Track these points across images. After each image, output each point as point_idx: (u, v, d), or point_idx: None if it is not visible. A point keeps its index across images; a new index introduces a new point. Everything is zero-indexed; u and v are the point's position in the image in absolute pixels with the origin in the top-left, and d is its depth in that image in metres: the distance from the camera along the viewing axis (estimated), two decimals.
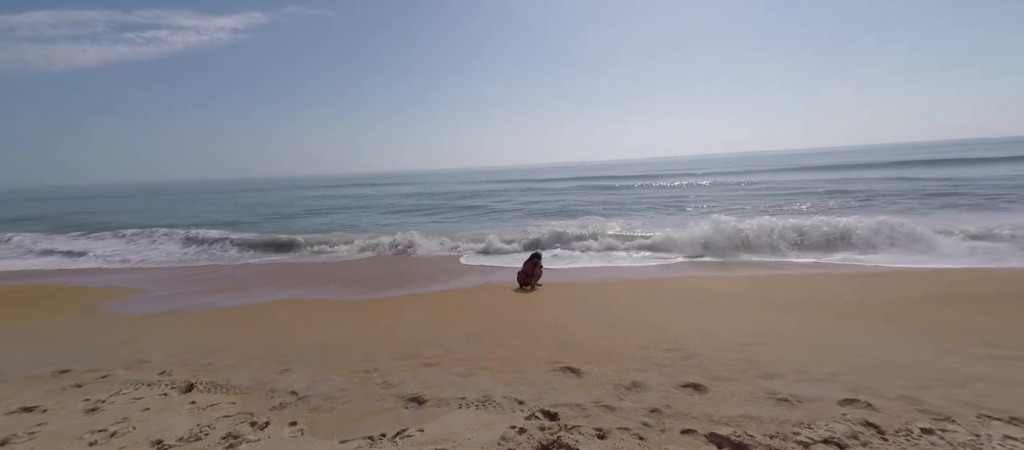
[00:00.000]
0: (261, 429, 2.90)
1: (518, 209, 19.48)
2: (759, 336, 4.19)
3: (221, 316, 6.29)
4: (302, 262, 10.82)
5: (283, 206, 28.15)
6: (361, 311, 6.24)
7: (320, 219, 20.00)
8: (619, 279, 7.29)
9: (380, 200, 28.91)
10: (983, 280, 6.17)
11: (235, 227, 17.70)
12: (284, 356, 4.36)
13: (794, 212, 13.03)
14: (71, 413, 3.24)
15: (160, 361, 4.37)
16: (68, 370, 4.16)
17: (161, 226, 16.81)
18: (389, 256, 10.98)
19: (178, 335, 5.40)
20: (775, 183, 23.99)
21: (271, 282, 8.51)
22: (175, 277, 9.57)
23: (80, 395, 3.56)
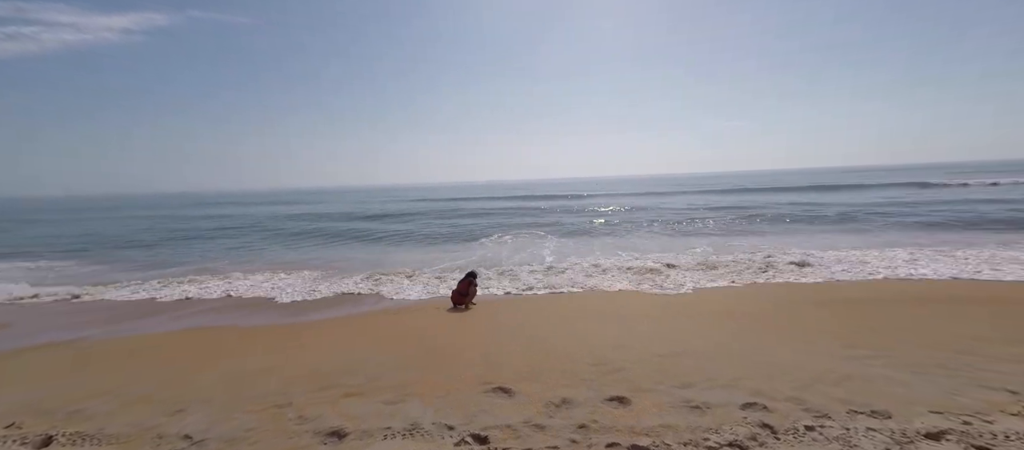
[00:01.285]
0: None
1: (431, 234, 16.99)
2: (675, 346, 4.52)
3: (98, 352, 5.35)
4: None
5: (175, 225, 24.79)
6: (276, 337, 5.69)
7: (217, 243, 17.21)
8: (545, 295, 7.46)
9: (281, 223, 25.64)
10: (845, 288, 7.29)
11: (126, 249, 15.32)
12: (178, 396, 3.80)
13: (696, 232, 14.41)
14: None
15: (11, 411, 3.58)
16: None
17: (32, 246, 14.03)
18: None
19: (35, 378, 4.49)
20: (671, 206, 25.89)
21: (168, 310, 7.46)
22: (37, 307, 8.00)
23: None
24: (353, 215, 25.79)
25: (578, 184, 72.95)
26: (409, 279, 8.58)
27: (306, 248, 14.31)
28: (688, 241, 12.50)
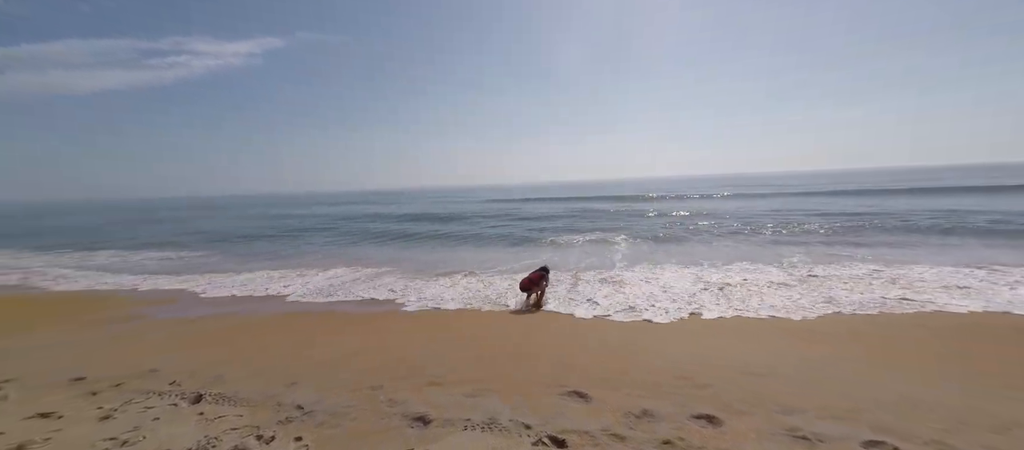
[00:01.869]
0: (267, 443, 2.89)
1: (506, 235, 17.44)
2: (769, 367, 4.05)
3: (228, 327, 6.37)
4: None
5: (295, 221, 28.61)
6: (363, 325, 6.25)
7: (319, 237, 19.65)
8: (619, 302, 7.15)
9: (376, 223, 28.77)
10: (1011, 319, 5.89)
11: (253, 242, 18.03)
12: (290, 370, 4.37)
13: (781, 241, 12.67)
14: (85, 420, 3.29)
15: (170, 371, 4.43)
16: (83, 377, 4.24)
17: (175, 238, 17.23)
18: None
19: (188, 346, 5.48)
20: (761, 209, 23.03)
21: (276, 296, 8.61)
22: (187, 289, 9.77)
23: (94, 403, 3.62)
24: (449, 215, 27.17)
25: (666, 184, 68.57)
26: (478, 279, 8.88)
27: (395, 246, 15.55)
28: (785, 250, 11.11)
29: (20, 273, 12.05)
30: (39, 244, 19.52)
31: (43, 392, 3.89)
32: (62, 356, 5.13)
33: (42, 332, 6.33)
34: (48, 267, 13.01)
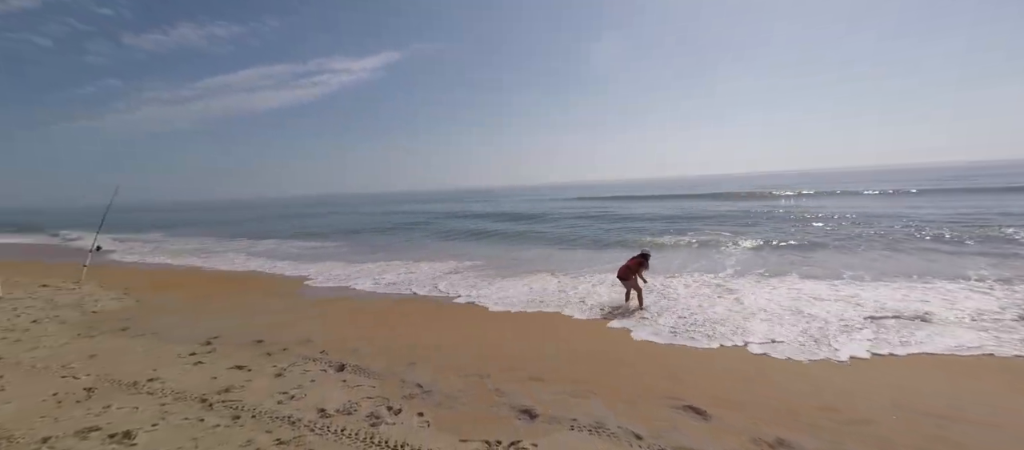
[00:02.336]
0: (396, 414, 3.28)
1: (595, 238, 15.81)
2: (955, 407, 3.22)
3: (356, 309, 7.34)
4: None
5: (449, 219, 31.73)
6: (465, 316, 6.63)
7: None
8: (746, 317, 6.36)
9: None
10: None
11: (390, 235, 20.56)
12: (408, 351, 4.87)
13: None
14: (266, 375, 4.12)
15: (320, 342, 5.28)
16: (262, 341, 5.31)
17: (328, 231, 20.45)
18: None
19: (330, 322, 6.47)
20: (920, 212, 17.92)
21: (394, 283, 9.64)
22: (328, 273, 11.55)
23: (270, 362, 4.51)
24: (538, 214, 27.76)
25: (778, 179, 58.91)
26: (569, 278, 8.77)
27: (488, 243, 16.32)
28: (963, 261, 8.67)
29: (204, 255, 15.60)
30: (220, 233, 24.99)
31: (237, 349, 4.98)
32: (245, 322, 6.49)
33: (226, 302, 8.11)
34: (226, 251, 16.61)
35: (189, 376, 4.13)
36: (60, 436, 2.99)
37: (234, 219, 38.54)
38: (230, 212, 52.86)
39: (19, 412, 3.37)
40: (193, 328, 5.97)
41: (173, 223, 34.93)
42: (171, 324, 6.22)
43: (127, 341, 5.34)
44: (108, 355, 4.77)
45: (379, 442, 2.91)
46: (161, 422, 3.16)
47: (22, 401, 3.58)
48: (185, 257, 14.59)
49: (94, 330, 5.85)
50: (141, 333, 5.69)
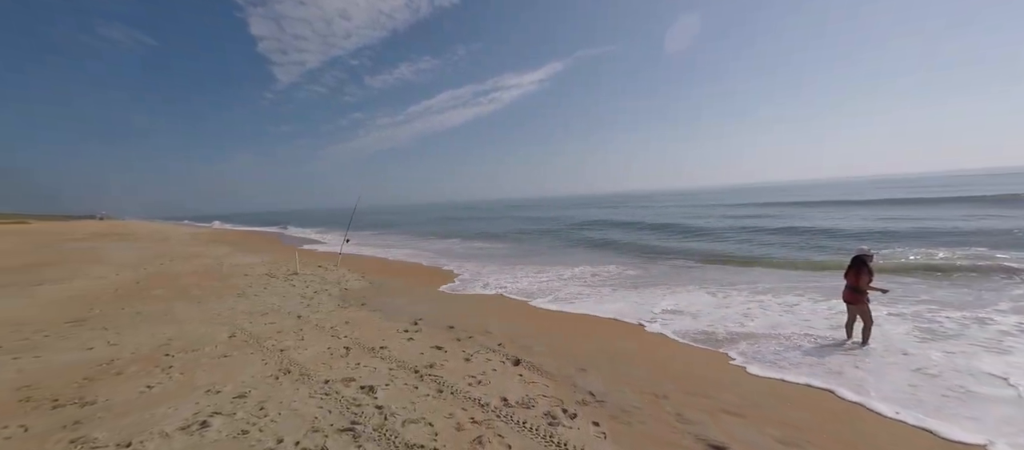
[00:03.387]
0: (571, 419, 3.32)
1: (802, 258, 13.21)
2: None
3: (527, 310, 7.82)
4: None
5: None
6: (631, 330, 6.26)
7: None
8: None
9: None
10: None
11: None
12: (577, 356, 4.89)
13: None
14: (457, 358, 4.79)
15: (498, 334, 5.84)
16: (453, 327, 6.21)
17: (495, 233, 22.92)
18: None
19: (505, 317, 7.09)
20: None
21: (555, 288, 9.90)
22: (503, 272, 12.78)
23: (460, 347, 5.23)
24: (701, 230, 24.97)
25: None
26: (775, 298, 7.26)
27: (667, 257, 15.24)
28: None
29: (410, 250, 19.20)
30: (421, 231, 30.51)
31: (435, 331, 5.96)
32: (440, 309, 7.72)
33: (425, 291, 9.80)
34: (425, 248, 20.13)
35: (405, 349, 5.13)
36: (333, 380, 4.10)
37: (431, 219, 46.81)
38: (428, 213, 64.55)
39: (311, 357, 4.79)
40: (405, 309, 7.43)
41: (389, 223, 44.64)
42: (392, 304, 7.90)
43: (367, 314, 7.02)
44: (356, 323, 6.36)
45: (558, 443, 2.99)
46: (390, 383, 4.01)
47: (312, 350, 5.08)
48: (397, 250, 18.42)
49: (346, 303, 7.91)
50: (375, 309, 7.40)
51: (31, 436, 3.01)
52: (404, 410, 3.44)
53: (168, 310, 7.04)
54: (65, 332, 5.69)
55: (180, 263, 13.49)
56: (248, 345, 5.20)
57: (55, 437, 3.00)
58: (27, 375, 4.15)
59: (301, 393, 3.77)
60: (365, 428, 3.11)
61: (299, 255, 14.36)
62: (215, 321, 6.35)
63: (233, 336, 5.57)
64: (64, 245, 20.39)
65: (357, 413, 3.37)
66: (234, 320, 6.40)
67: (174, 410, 3.42)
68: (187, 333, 5.69)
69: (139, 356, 4.73)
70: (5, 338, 5.35)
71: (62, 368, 4.36)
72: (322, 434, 3.04)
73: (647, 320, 6.50)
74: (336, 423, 3.21)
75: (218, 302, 7.70)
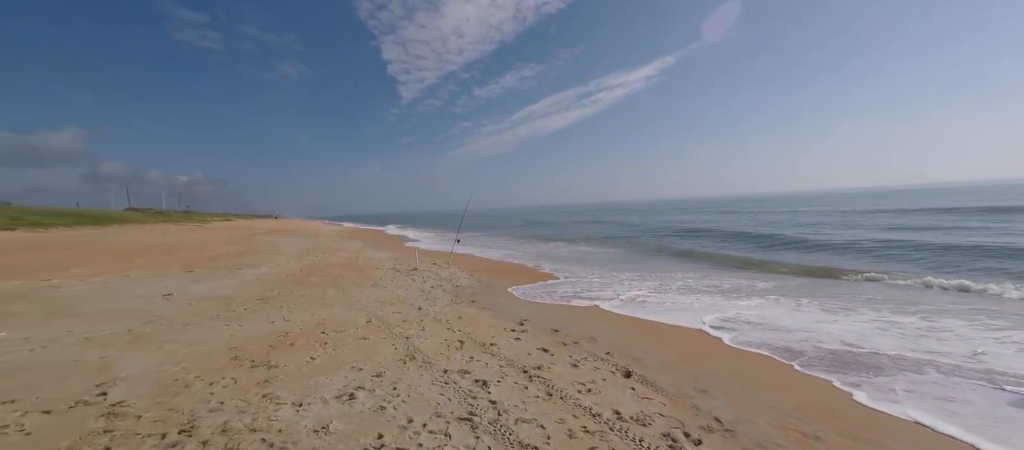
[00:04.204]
0: (695, 445, 3.03)
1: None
2: None
3: (644, 321, 7.41)
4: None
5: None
6: (757, 358, 5.41)
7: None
8: None
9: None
10: None
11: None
12: (697, 376, 4.45)
13: None
14: (564, 362, 4.77)
15: (604, 342, 5.66)
16: (558, 330, 6.22)
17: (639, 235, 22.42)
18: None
19: (609, 324, 6.83)
20: None
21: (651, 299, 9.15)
22: (609, 277, 12.39)
23: (566, 351, 5.20)
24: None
25: None
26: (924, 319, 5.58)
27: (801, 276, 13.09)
28: None
29: (515, 251, 19.78)
30: (523, 233, 31.33)
31: (541, 333, 6.03)
32: (544, 311, 7.81)
33: (530, 291, 9.99)
34: (527, 251, 20.59)
35: (514, 348, 5.30)
36: (450, 371, 4.44)
37: (533, 221, 47.96)
38: (531, 216, 66.25)
39: (431, 347, 5.27)
40: (511, 309, 7.69)
41: (494, 225, 46.96)
42: (498, 303, 8.26)
43: (477, 311, 7.47)
44: (468, 319, 6.81)
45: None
46: (502, 380, 4.18)
47: (431, 340, 5.59)
48: (502, 250, 19.25)
49: (458, 299, 8.53)
50: (484, 307, 7.84)
51: (239, 387, 3.90)
52: (516, 408, 3.55)
53: (322, 295, 8.48)
54: (255, 307, 7.25)
55: (328, 255, 16.16)
56: (381, 330, 5.95)
57: (253, 390, 3.84)
58: (235, 339, 5.41)
59: (425, 379, 4.17)
60: (481, 420, 3.30)
61: (418, 253, 15.99)
62: (355, 307, 7.43)
63: (369, 321, 6.44)
64: (254, 238, 26.17)
65: (473, 405, 3.59)
66: (369, 307, 7.41)
67: (329, 380, 4.09)
68: (336, 315, 6.77)
69: (304, 332, 5.78)
70: (222, 309, 7.06)
71: (255, 336, 5.56)
72: (445, 420, 3.31)
73: (778, 343, 5.61)
74: (456, 411, 3.46)
75: (357, 291, 9.00)
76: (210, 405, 3.48)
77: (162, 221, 47.00)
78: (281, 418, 3.28)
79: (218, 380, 4.02)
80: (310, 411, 3.41)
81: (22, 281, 9.20)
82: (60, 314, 6.41)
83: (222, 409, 3.41)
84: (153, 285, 9.13)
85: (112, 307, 6.95)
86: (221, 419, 3.23)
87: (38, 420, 3.17)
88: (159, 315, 6.50)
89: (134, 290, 8.52)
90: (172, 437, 2.96)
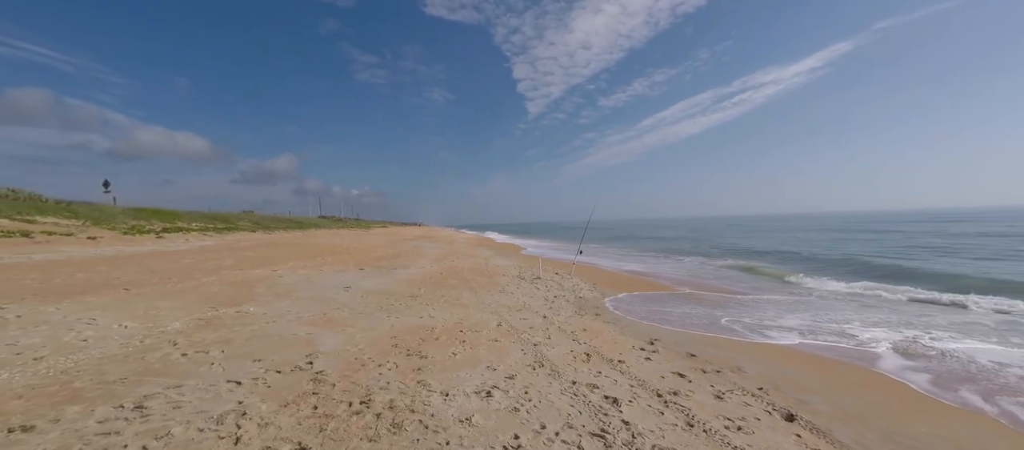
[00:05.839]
0: None
1: None
2: None
3: (807, 355, 6.22)
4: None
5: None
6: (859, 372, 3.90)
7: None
8: None
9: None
10: None
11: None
12: (893, 430, 3.50)
13: None
14: (705, 392, 4.30)
15: (755, 375, 4.91)
16: (694, 355, 5.65)
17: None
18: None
19: (764, 355, 5.89)
20: None
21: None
22: (759, 302, 10.78)
23: (706, 380, 4.68)
24: None
25: None
26: None
27: None
28: None
29: (639, 262, 18.62)
30: (648, 246, 29.37)
31: (674, 356, 5.56)
32: (678, 332, 7.18)
33: (661, 308, 9.29)
34: (661, 263, 19.20)
35: (644, 368, 5.01)
36: (579, 383, 4.43)
37: (658, 236, 44.85)
38: (657, 230, 62.15)
39: (558, 356, 5.35)
40: (638, 326, 7.30)
41: (618, 236, 45.37)
42: (624, 319, 7.93)
43: (602, 324, 7.30)
44: (593, 331, 6.71)
45: None
46: (633, 401, 3.99)
47: (557, 349, 5.66)
48: (626, 263, 18.43)
49: (582, 310, 8.47)
50: (609, 321, 7.62)
51: (399, 371, 4.60)
52: (652, 433, 3.34)
53: (458, 296, 9.41)
54: (407, 304, 8.46)
55: (462, 260, 17.85)
56: (510, 334, 6.30)
57: (409, 376, 4.48)
58: (395, 328, 6.40)
59: (554, 388, 4.25)
60: (615, 439, 3.20)
61: (541, 262, 16.44)
62: (487, 310, 8.03)
63: (499, 324, 6.89)
64: (404, 242, 30.62)
65: (605, 422, 3.51)
66: (499, 311, 7.92)
67: (469, 376, 4.50)
68: (471, 316, 7.43)
69: (446, 329, 6.50)
70: (383, 302, 8.45)
71: (409, 328, 6.49)
72: (577, 432, 3.32)
73: (988, 396, 4.03)
74: (587, 425, 3.44)
75: (488, 295, 9.72)
76: (380, 383, 4.19)
77: (339, 226, 58.68)
78: (432, 404, 3.74)
79: (384, 363, 4.81)
80: (455, 402, 3.81)
81: (261, 270, 12.58)
82: (283, 297, 8.54)
83: (388, 388, 4.07)
84: (337, 278, 11.46)
85: (312, 294, 8.97)
86: (388, 397, 3.86)
87: (274, 377, 4.29)
88: (342, 303, 8.12)
89: (326, 281, 10.83)
90: (356, 406, 3.66)
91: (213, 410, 3.41)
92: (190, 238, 22.50)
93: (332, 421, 3.33)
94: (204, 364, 4.48)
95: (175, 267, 12.01)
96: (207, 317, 6.45)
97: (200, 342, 5.22)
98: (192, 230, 25.78)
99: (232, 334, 5.62)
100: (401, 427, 3.27)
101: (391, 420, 3.39)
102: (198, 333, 5.60)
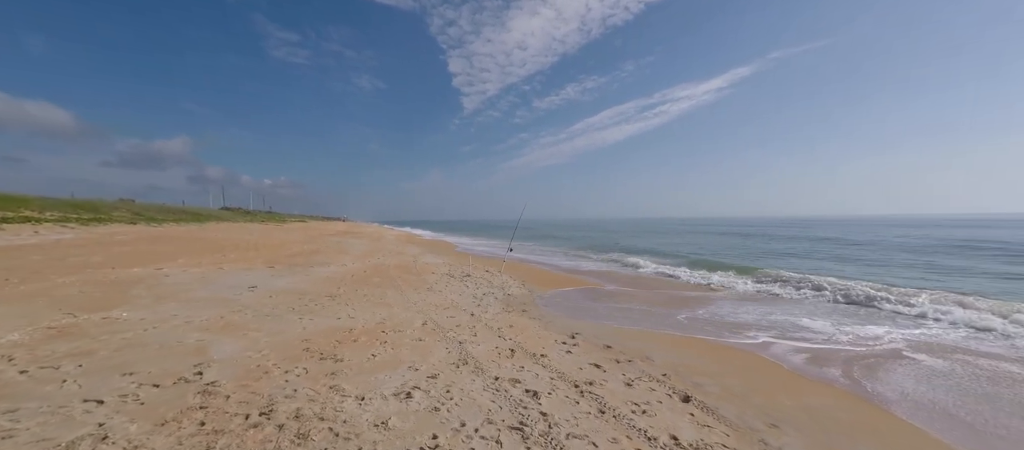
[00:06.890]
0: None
1: None
2: None
3: (701, 343, 6.96)
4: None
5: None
6: (843, 393, 4.81)
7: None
8: None
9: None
10: None
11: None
12: (768, 409, 4.08)
13: None
14: (617, 380, 4.61)
15: (660, 363, 5.39)
16: (610, 346, 6.04)
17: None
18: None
19: (664, 344, 6.49)
20: None
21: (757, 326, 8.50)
22: (658, 299, 11.83)
23: (619, 369, 5.03)
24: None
25: None
26: None
27: None
28: None
29: (568, 260, 19.49)
30: (574, 245, 30.85)
31: (592, 348, 5.89)
32: (597, 325, 7.62)
33: (581, 304, 9.79)
34: (588, 261, 20.21)
35: (564, 361, 5.23)
36: (501, 378, 4.48)
37: (588, 234, 47.18)
38: (587, 228, 65.29)
39: (483, 353, 5.36)
40: (562, 321, 7.60)
41: (548, 235, 46.85)
42: (549, 314, 8.21)
43: (527, 320, 7.48)
44: (518, 328, 6.84)
45: None
46: (552, 393, 4.14)
47: (483, 346, 5.67)
48: (555, 260, 19.13)
49: (509, 307, 8.60)
50: (534, 317, 7.83)
51: (309, 376, 4.25)
52: (567, 423, 3.49)
53: (382, 295, 8.99)
54: (324, 304, 7.86)
55: (388, 258, 17.10)
56: (435, 333, 6.17)
57: (321, 381, 4.15)
58: (307, 331, 5.90)
59: (477, 384, 4.25)
60: (532, 431, 3.29)
61: (471, 260, 16.38)
62: (412, 309, 7.78)
63: (425, 323, 6.71)
64: (325, 238, 28.44)
65: (524, 415, 3.59)
66: (425, 310, 7.71)
67: (388, 377, 4.31)
68: (395, 316, 7.13)
69: (366, 329, 6.16)
70: (296, 303, 7.75)
71: (324, 330, 6.03)
72: (496, 427, 3.35)
73: (866, 377, 4.98)
74: (507, 420, 3.48)
75: (414, 293, 9.42)
76: (285, 391, 3.82)
77: (249, 220, 52.70)
78: (346, 410, 3.51)
79: (292, 369, 4.40)
80: (371, 406, 3.62)
81: (140, 268, 10.78)
82: (168, 299, 7.41)
83: (295, 396, 3.73)
84: (241, 277, 10.25)
85: (208, 295, 7.91)
86: (294, 405, 3.54)
87: (150, 392, 3.69)
88: (245, 305, 7.28)
89: (226, 281, 9.62)
90: (254, 418, 3.30)
91: (61, 437, 2.83)
92: (41, 230, 18.57)
93: (222, 437, 2.96)
94: (52, 382, 3.71)
95: (18, 264, 9.82)
96: (60, 326, 5.36)
97: (48, 356, 4.31)
98: (45, 220, 21.28)
99: (96, 345, 4.74)
100: (307, 437, 3.02)
101: (296, 430, 3.11)
102: (46, 345, 4.63)
